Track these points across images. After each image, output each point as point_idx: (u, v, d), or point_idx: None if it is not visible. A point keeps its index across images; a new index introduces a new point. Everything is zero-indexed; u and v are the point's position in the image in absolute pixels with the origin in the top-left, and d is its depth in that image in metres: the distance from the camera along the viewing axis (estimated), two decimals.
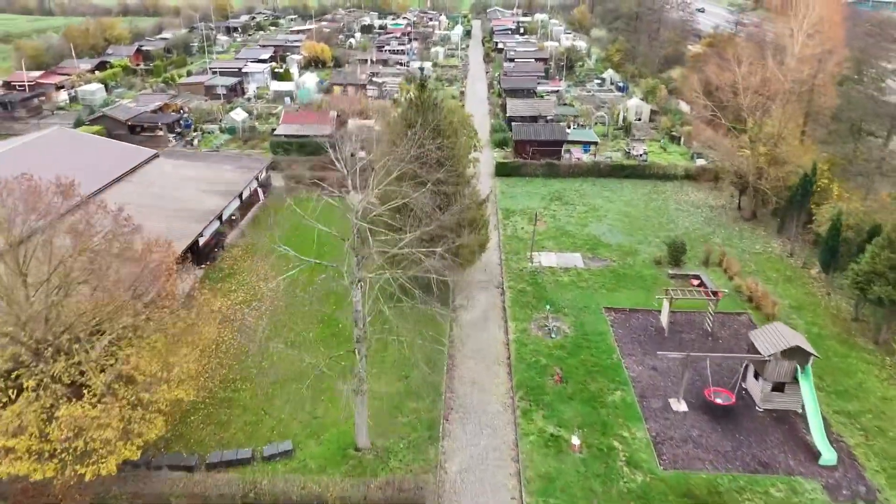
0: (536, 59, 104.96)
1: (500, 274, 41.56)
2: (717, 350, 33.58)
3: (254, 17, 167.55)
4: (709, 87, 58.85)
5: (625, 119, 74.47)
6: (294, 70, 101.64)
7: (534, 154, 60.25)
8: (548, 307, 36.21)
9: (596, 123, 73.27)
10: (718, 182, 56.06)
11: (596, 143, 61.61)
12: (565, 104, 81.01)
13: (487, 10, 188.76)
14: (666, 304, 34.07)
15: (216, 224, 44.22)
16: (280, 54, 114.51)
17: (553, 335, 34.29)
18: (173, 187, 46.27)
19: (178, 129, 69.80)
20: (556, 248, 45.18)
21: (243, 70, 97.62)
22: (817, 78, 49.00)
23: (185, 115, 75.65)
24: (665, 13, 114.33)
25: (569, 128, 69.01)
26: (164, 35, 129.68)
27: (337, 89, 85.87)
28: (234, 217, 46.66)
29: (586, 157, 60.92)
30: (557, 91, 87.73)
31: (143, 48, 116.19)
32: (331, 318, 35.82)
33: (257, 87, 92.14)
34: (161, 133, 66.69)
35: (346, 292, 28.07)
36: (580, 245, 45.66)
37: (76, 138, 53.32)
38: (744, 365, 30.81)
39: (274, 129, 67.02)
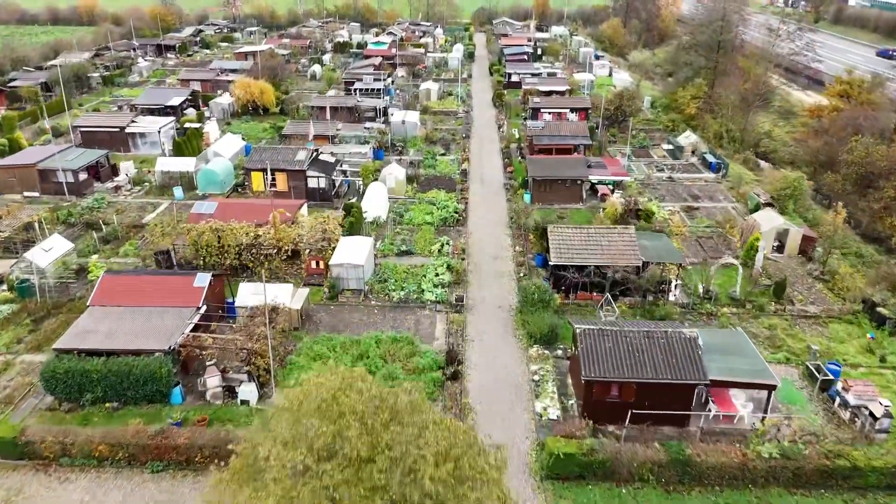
0: (573, 110, 71.03)
1: None
2: None
3: (199, 31, 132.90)
4: None
5: (761, 256, 40.38)
6: (212, 126, 67.40)
7: (630, 406, 26.31)
8: None
9: (725, 265, 39.36)
10: None
11: (774, 389, 27.26)
12: (639, 210, 46.83)
13: (494, 21, 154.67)
14: None
15: None
16: (203, 95, 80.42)
17: None
18: None
19: None
20: None
21: (127, 130, 63.54)
22: None
23: None
24: (741, 35, 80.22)
25: (673, 286, 35.05)
26: (58, 61, 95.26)
27: (257, 179, 51.73)
28: None
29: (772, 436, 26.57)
30: (620, 183, 53.68)
31: (11, 85, 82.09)
32: None
33: (136, 168, 57.89)
34: None
35: None
36: None
37: None
38: None
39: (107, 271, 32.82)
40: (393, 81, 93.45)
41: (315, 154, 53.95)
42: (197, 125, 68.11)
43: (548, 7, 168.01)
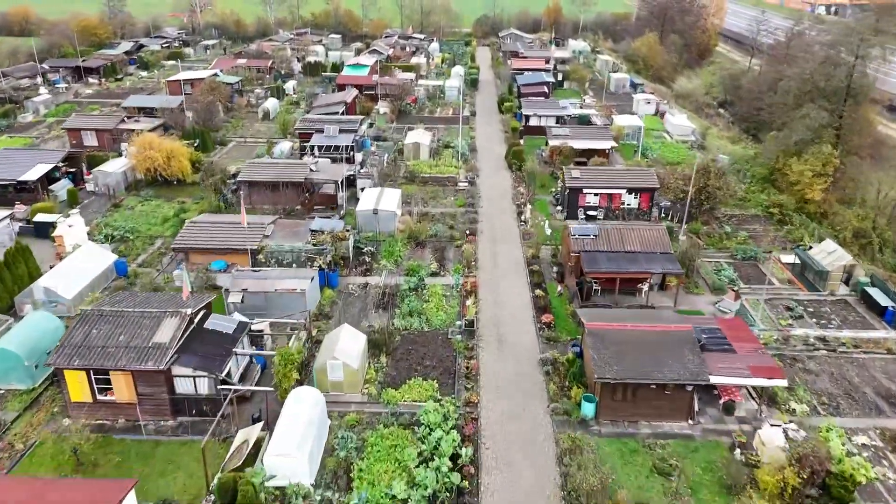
0: (630, 191, 46.79)
1: None
2: None
3: (140, 46, 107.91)
4: None
5: None
6: (73, 223, 42.69)
7: None
8: None
9: None
10: None
11: None
12: (829, 472, 22.62)
13: (501, 34, 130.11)
14: None
15: None
16: (92, 155, 55.90)
17: None
18: None
19: None
20: None
21: None
22: None
23: None
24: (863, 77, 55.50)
25: None
26: None
27: (74, 384, 26.98)
28: None
29: None
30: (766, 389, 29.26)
31: None
32: None
33: None
34: None
35: None
36: None
37: None
38: None
39: None
40: (371, 124, 69.29)
41: (198, 316, 29.49)
42: (51, 219, 43.69)
43: (560, 15, 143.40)
